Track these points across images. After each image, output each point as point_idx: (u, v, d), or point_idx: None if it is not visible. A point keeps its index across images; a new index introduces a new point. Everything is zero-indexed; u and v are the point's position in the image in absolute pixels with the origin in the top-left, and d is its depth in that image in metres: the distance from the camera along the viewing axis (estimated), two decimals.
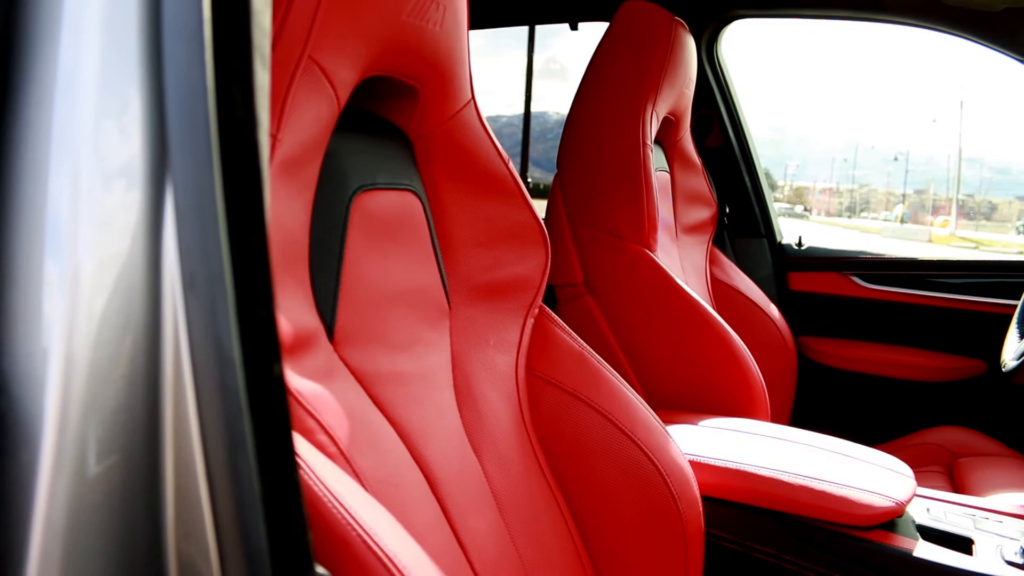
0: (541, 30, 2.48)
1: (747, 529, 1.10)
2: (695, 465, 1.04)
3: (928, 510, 1.11)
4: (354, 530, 0.53)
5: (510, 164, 0.95)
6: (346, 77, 0.74)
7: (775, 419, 1.52)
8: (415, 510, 0.74)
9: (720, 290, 1.93)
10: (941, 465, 1.62)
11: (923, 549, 1.00)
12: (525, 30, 2.50)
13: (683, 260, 1.83)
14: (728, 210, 2.19)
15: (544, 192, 1.73)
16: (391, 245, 0.84)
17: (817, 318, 2.11)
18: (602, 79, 1.62)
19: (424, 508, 0.76)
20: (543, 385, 0.96)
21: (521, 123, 2.76)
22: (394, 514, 0.59)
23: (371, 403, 0.76)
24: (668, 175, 1.87)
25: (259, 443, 0.35)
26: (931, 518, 1.08)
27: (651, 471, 0.92)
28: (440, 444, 0.82)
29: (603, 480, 0.93)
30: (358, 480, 0.67)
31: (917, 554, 0.99)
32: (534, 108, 2.75)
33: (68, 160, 0.33)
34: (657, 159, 1.76)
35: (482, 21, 2.35)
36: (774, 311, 1.93)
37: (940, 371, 1.95)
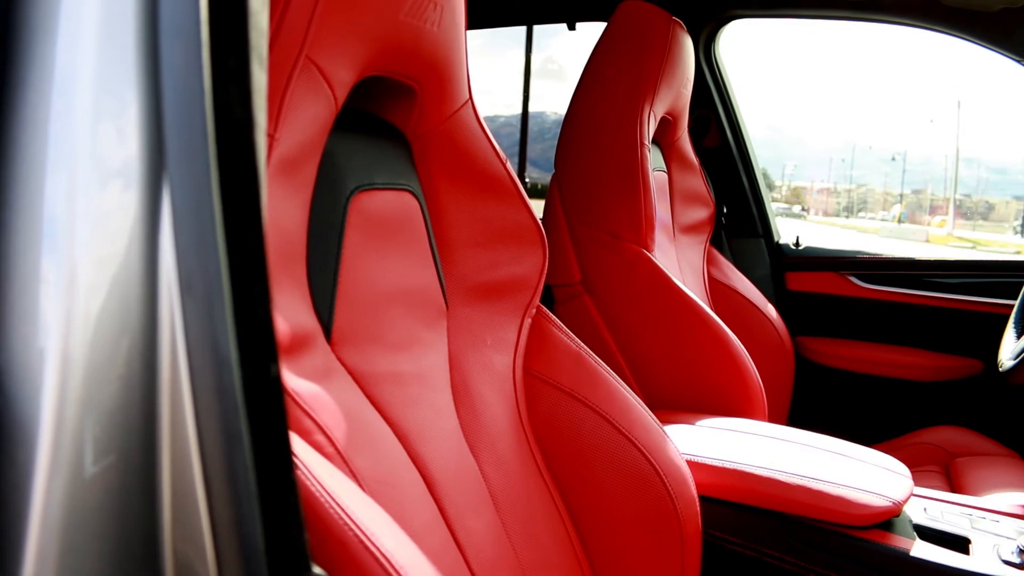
0: (539, 30, 2.48)
1: (744, 529, 1.10)
2: (692, 465, 1.04)
3: (925, 510, 1.11)
4: (351, 530, 0.53)
5: (508, 164, 0.95)
6: (344, 77, 0.73)
7: (772, 419, 1.52)
8: (412, 510, 0.74)
9: (718, 290, 1.93)
10: (938, 465, 1.62)
11: (920, 549, 1.00)
12: (523, 30, 2.50)
13: (681, 260, 1.83)
14: (726, 210, 2.19)
15: (542, 192, 1.73)
16: (389, 245, 0.84)
17: (814, 318, 2.11)
18: (600, 79, 1.62)
19: (421, 508, 0.76)
20: (540, 385, 0.96)
21: (519, 123, 2.76)
22: (391, 514, 0.59)
23: (368, 403, 0.76)
24: (666, 175, 1.87)
25: (256, 443, 0.35)
26: (928, 518, 1.08)
27: (648, 471, 0.93)
28: (437, 444, 0.82)
29: (600, 480, 0.93)
30: (355, 480, 0.67)
31: (914, 554, 0.99)
32: (532, 108, 2.76)
33: (65, 160, 0.33)
34: (655, 159, 1.76)
35: (480, 21, 2.35)
36: (771, 311, 1.93)
37: (937, 371, 1.95)
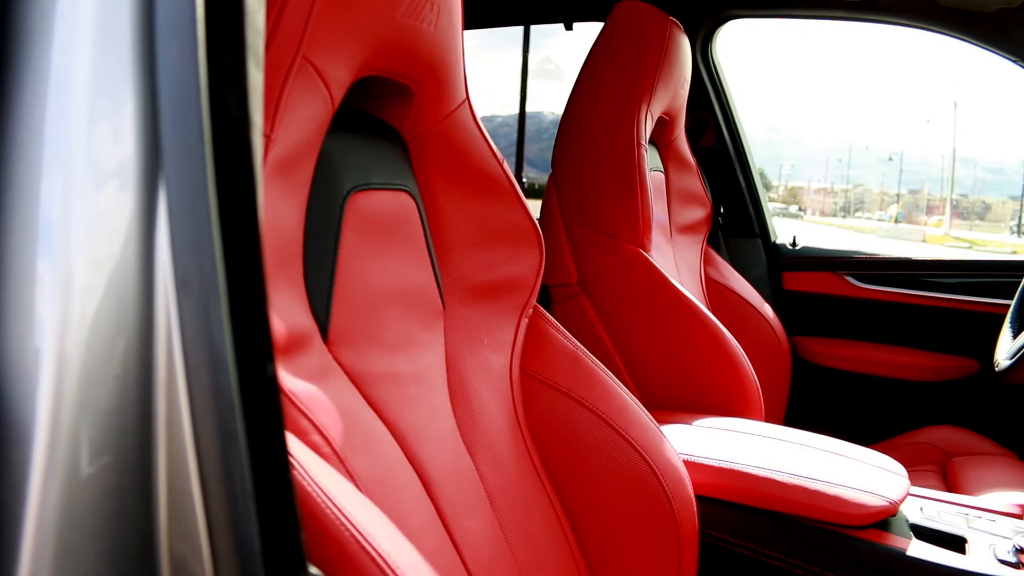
0: (536, 30, 2.48)
1: (741, 529, 1.10)
2: (689, 465, 1.04)
3: (921, 509, 1.11)
4: (348, 530, 0.53)
5: (504, 164, 0.95)
6: (340, 77, 0.73)
7: (769, 419, 1.52)
8: (409, 510, 0.74)
9: (714, 290, 1.93)
10: (934, 464, 1.62)
11: (916, 548, 1.00)
12: (520, 30, 2.50)
13: (678, 260, 1.84)
14: (722, 210, 2.19)
15: (539, 192, 1.73)
16: (385, 245, 0.83)
17: (811, 318, 2.12)
18: (597, 79, 1.62)
19: (418, 508, 0.76)
20: (537, 385, 0.96)
21: (516, 123, 2.76)
22: (388, 515, 0.59)
23: (365, 403, 0.76)
24: (663, 175, 1.87)
25: (252, 443, 0.35)
26: (924, 517, 1.09)
27: (645, 471, 0.93)
28: (434, 444, 0.82)
29: (597, 480, 0.94)
30: (352, 480, 0.67)
31: (910, 553, 0.99)
32: (529, 108, 2.76)
33: (61, 161, 0.33)
34: (652, 159, 1.76)
35: (477, 21, 2.35)
36: (768, 311, 1.93)
37: (934, 370, 1.95)
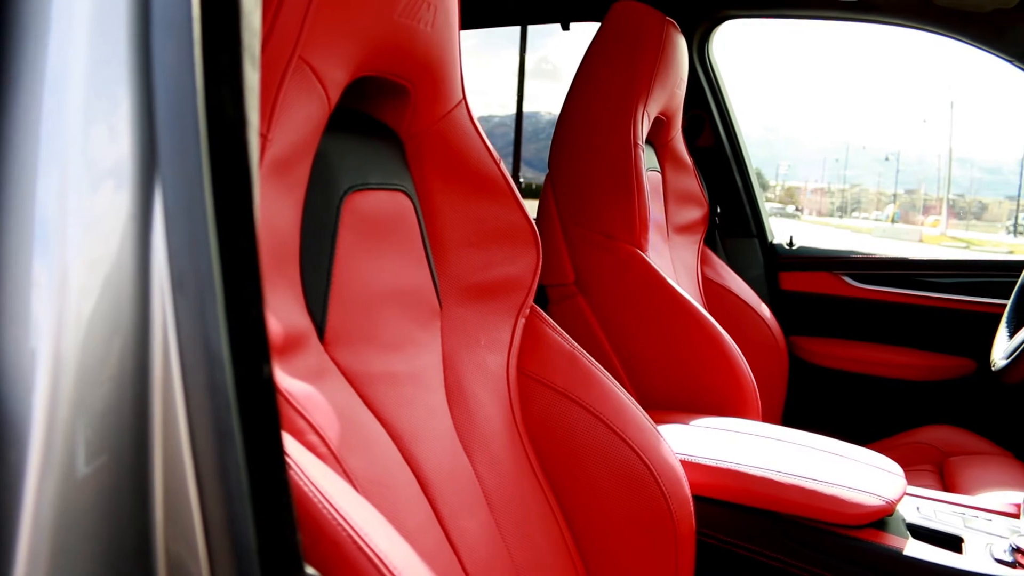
0: (533, 30, 2.48)
1: (738, 528, 1.10)
2: (686, 465, 1.05)
3: (918, 509, 1.12)
4: (345, 531, 0.53)
5: (501, 164, 0.95)
6: (337, 77, 0.73)
7: (766, 418, 1.52)
8: (406, 511, 0.74)
9: (711, 290, 1.93)
10: (931, 464, 1.62)
11: (913, 548, 1.01)
12: (517, 30, 2.50)
13: (674, 260, 1.84)
14: (719, 210, 2.19)
15: (536, 192, 1.73)
16: (382, 245, 0.83)
17: (808, 318, 2.12)
18: (594, 79, 1.62)
19: (415, 509, 0.76)
20: (534, 385, 0.96)
21: (513, 123, 2.76)
22: (385, 515, 0.59)
23: (362, 403, 0.76)
24: (659, 175, 1.87)
25: (248, 443, 0.35)
26: (921, 517, 1.09)
27: (642, 471, 0.93)
28: (431, 444, 0.82)
29: (594, 480, 0.94)
30: (349, 481, 0.67)
31: (907, 553, 1.00)
32: (526, 108, 2.75)
33: (56, 161, 0.33)
34: (648, 159, 1.76)
35: (474, 21, 2.35)
36: (765, 311, 1.93)
37: (930, 370, 1.96)
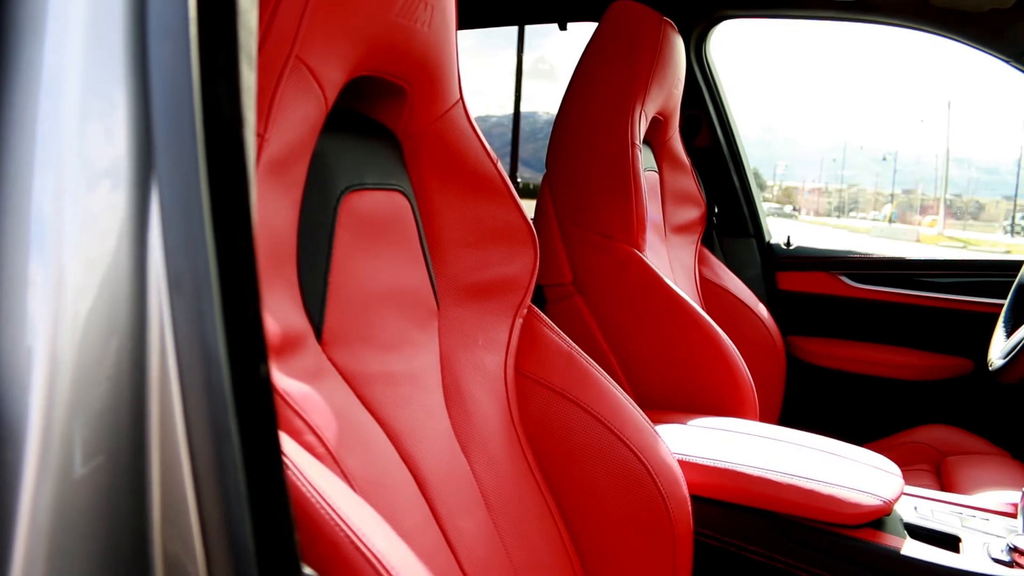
0: (530, 30, 2.49)
1: (736, 528, 1.10)
2: (684, 465, 1.05)
3: (916, 508, 1.12)
4: (342, 531, 0.53)
5: (498, 164, 0.95)
6: (334, 77, 0.73)
7: (764, 418, 1.53)
8: (404, 511, 0.74)
9: (709, 290, 1.93)
10: (929, 463, 1.63)
11: (911, 547, 1.01)
12: (514, 30, 2.50)
13: (672, 260, 1.84)
14: (717, 210, 2.19)
15: (534, 192, 1.73)
16: (380, 245, 0.83)
17: (806, 317, 2.12)
18: (591, 79, 1.62)
19: (413, 509, 0.76)
20: (532, 385, 0.96)
21: (511, 123, 2.76)
22: (383, 515, 0.59)
23: (359, 404, 0.76)
24: (657, 175, 1.87)
25: (245, 443, 0.35)
26: (919, 516, 1.09)
27: (640, 471, 0.93)
28: (429, 445, 0.82)
29: (592, 480, 0.94)
30: (346, 481, 0.67)
31: (905, 552, 1.00)
32: (524, 108, 2.76)
33: (53, 161, 0.32)
34: (646, 159, 1.76)
35: (471, 21, 2.35)
36: (763, 311, 1.93)
37: (928, 370, 1.96)
